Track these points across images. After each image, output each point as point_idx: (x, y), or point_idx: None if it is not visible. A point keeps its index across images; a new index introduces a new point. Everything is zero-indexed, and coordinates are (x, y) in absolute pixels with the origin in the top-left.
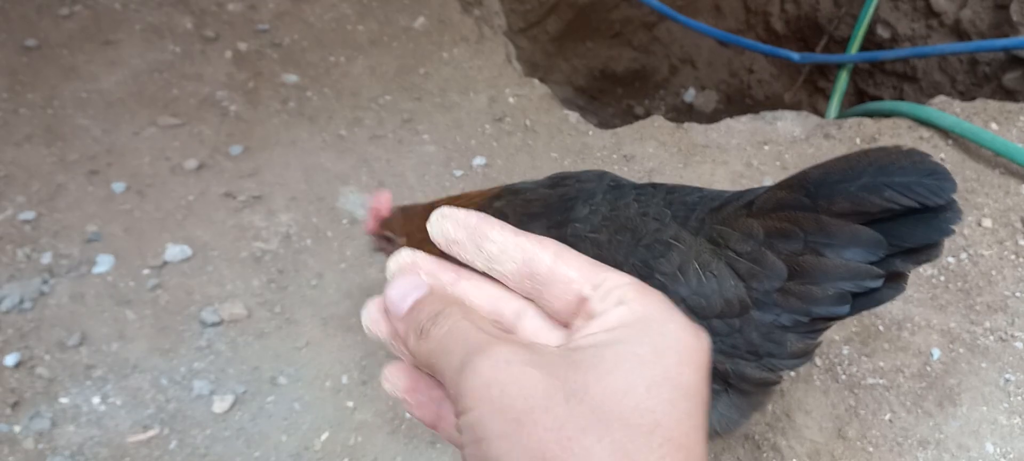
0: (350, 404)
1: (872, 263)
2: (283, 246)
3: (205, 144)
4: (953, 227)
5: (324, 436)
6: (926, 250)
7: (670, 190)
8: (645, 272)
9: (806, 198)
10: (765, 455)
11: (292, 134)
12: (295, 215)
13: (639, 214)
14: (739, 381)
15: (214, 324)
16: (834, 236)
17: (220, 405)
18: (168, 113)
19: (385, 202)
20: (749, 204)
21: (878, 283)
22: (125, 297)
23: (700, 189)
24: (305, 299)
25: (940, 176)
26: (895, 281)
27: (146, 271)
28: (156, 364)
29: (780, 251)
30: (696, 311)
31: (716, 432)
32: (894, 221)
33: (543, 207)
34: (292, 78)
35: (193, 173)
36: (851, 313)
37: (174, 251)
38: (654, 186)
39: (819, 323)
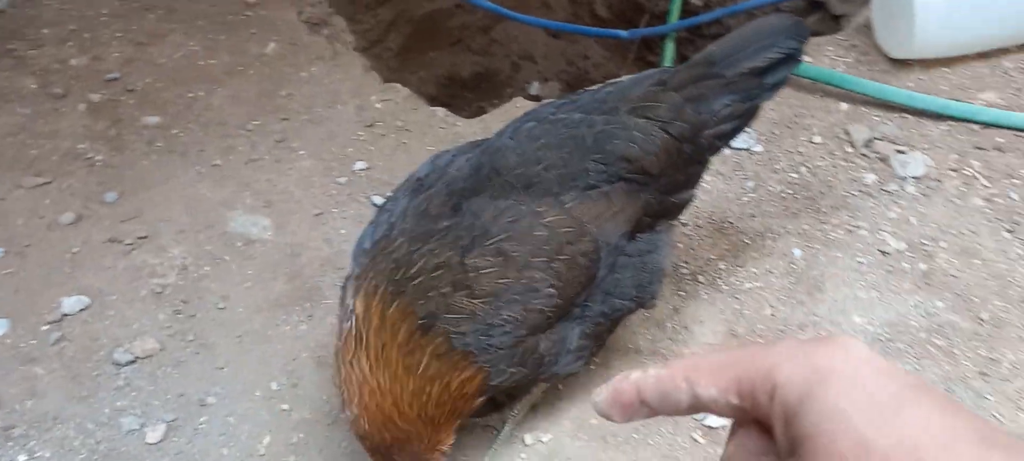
0: (285, 407)
1: (754, 99)
2: (181, 278)
3: (77, 196)
4: (802, 59)
5: (266, 440)
6: (784, 81)
7: (571, 99)
8: (605, 159)
9: (714, 69)
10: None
11: (165, 172)
12: (187, 247)
13: (575, 123)
14: (679, 211)
15: (129, 363)
16: (735, 89)
17: (153, 435)
18: (32, 172)
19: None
20: (662, 83)
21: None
22: (29, 355)
23: (592, 88)
24: (215, 322)
25: (800, 27)
26: (753, 115)
27: (45, 327)
28: (77, 411)
29: (699, 111)
30: (648, 170)
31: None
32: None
33: (472, 169)
34: (153, 119)
35: (71, 226)
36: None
37: (70, 302)
38: (544, 104)
39: (720, 145)
